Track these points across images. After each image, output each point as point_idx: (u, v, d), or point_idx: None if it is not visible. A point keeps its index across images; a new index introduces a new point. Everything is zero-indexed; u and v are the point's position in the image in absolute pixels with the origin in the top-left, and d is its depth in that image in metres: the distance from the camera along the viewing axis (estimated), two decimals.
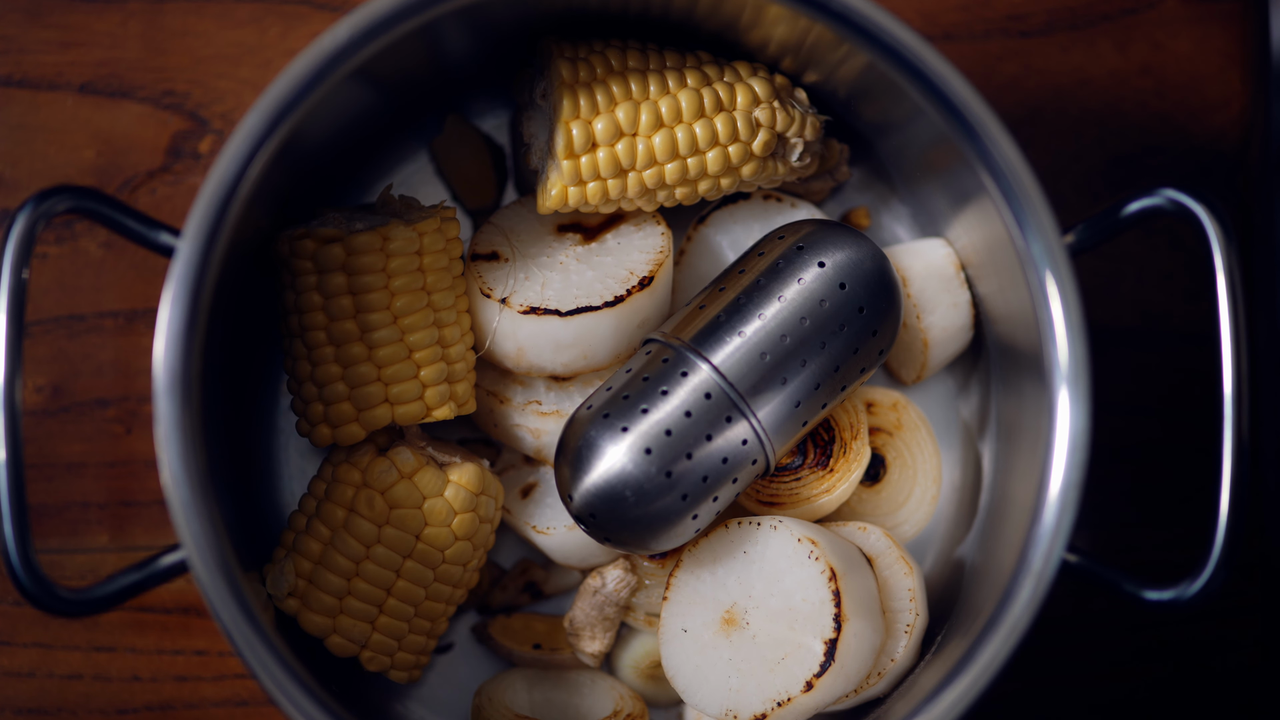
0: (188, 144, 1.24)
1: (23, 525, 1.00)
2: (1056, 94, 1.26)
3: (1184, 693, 1.26)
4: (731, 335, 1.09)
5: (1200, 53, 1.27)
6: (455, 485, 1.12)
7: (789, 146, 1.15)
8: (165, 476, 0.97)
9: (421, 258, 1.11)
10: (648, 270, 1.14)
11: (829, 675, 1.09)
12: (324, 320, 1.10)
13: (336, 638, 1.11)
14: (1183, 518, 1.26)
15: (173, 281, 0.98)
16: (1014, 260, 1.02)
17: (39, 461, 1.23)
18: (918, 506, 1.19)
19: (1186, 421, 1.26)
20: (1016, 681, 1.25)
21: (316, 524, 1.12)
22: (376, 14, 0.99)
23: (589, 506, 1.07)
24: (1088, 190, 1.26)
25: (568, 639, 1.20)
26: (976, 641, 1.00)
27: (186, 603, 1.24)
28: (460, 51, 1.14)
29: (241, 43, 1.24)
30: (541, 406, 1.17)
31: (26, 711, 1.23)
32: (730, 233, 1.20)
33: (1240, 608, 1.26)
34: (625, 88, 1.11)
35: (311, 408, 1.12)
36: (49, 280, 1.24)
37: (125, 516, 1.24)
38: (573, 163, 1.10)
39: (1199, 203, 1.04)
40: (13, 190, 1.24)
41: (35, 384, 1.23)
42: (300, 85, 0.98)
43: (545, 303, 1.13)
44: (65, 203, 1.01)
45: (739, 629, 1.11)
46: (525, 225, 1.18)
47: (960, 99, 1.00)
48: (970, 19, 1.26)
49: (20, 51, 1.24)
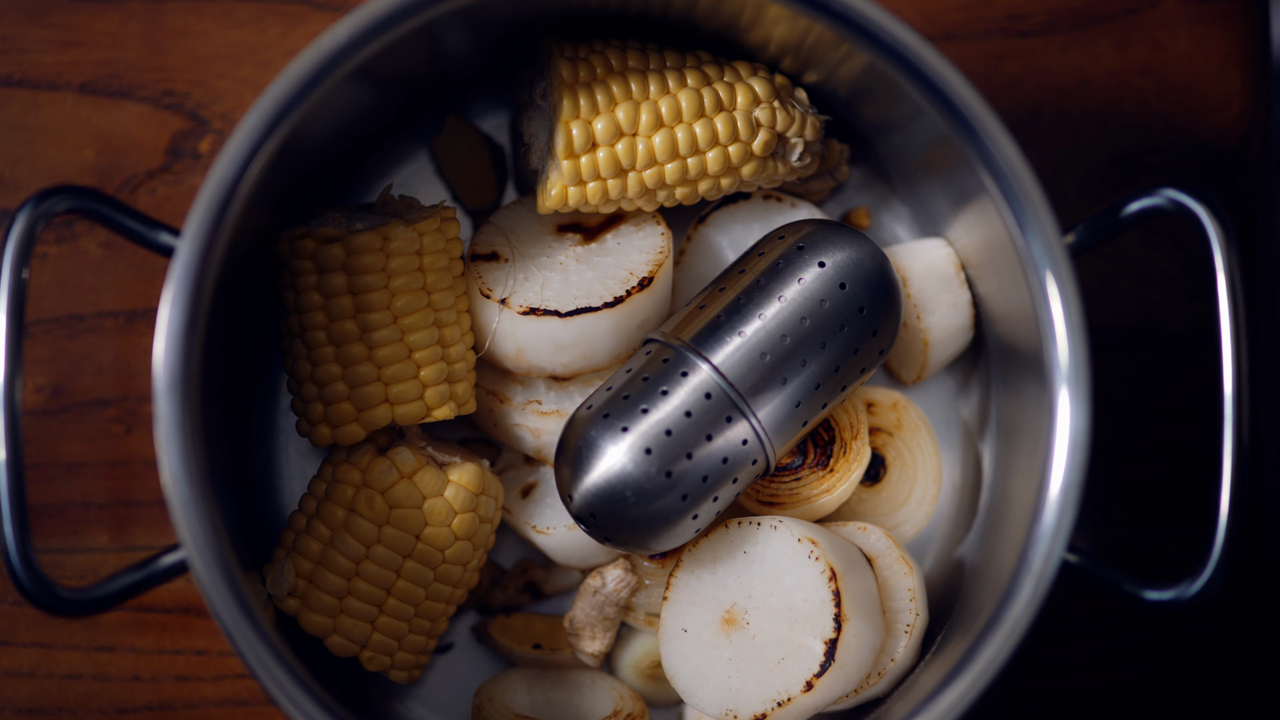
0: (188, 144, 1.24)
1: (23, 525, 1.00)
2: (1056, 94, 1.26)
3: (1184, 692, 1.26)
4: (732, 335, 1.09)
5: (1200, 53, 1.27)
6: (455, 485, 1.12)
7: (789, 146, 1.15)
8: (165, 476, 0.97)
9: (421, 258, 1.11)
10: (647, 271, 1.14)
11: (829, 675, 1.09)
12: (324, 320, 1.10)
13: (336, 637, 1.11)
14: (1183, 518, 1.26)
15: (173, 281, 0.98)
16: (1014, 260, 1.02)
17: (39, 461, 1.23)
18: (918, 506, 1.19)
19: (1186, 421, 1.26)
20: (1016, 681, 1.25)
21: (316, 524, 1.12)
22: (376, 14, 0.99)
23: (589, 506, 1.07)
24: (1088, 190, 1.26)
25: (568, 639, 1.20)
26: (976, 641, 1.00)
27: (186, 603, 1.24)
28: (460, 51, 1.14)
29: (241, 43, 1.24)
30: (541, 406, 1.17)
31: (26, 711, 1.24)
32: (730, 233, 1.20)
33: (1240, 608, 1.26)
34: (625, 88, 1.11)
35: (311, 408, 1.12)
36: (49, 280, 1.24)
37: (125, 516, 1.24)
38: (573, 163, 1.10)
39: (1199, 203, 1.04)
40: (13, 190, 1.24)
41: (35, 384, 1.23)
42: (300, 85, 0.98)
43: (545, 303, 1.13)
44: (65, 203, 1.01)
45: (739, 629, 1.11)
46: (525, 225, 1.18)
47: (960, 99, 1.00)
48: (970, 19, 1.26)
49: (20, 51, 1.24)
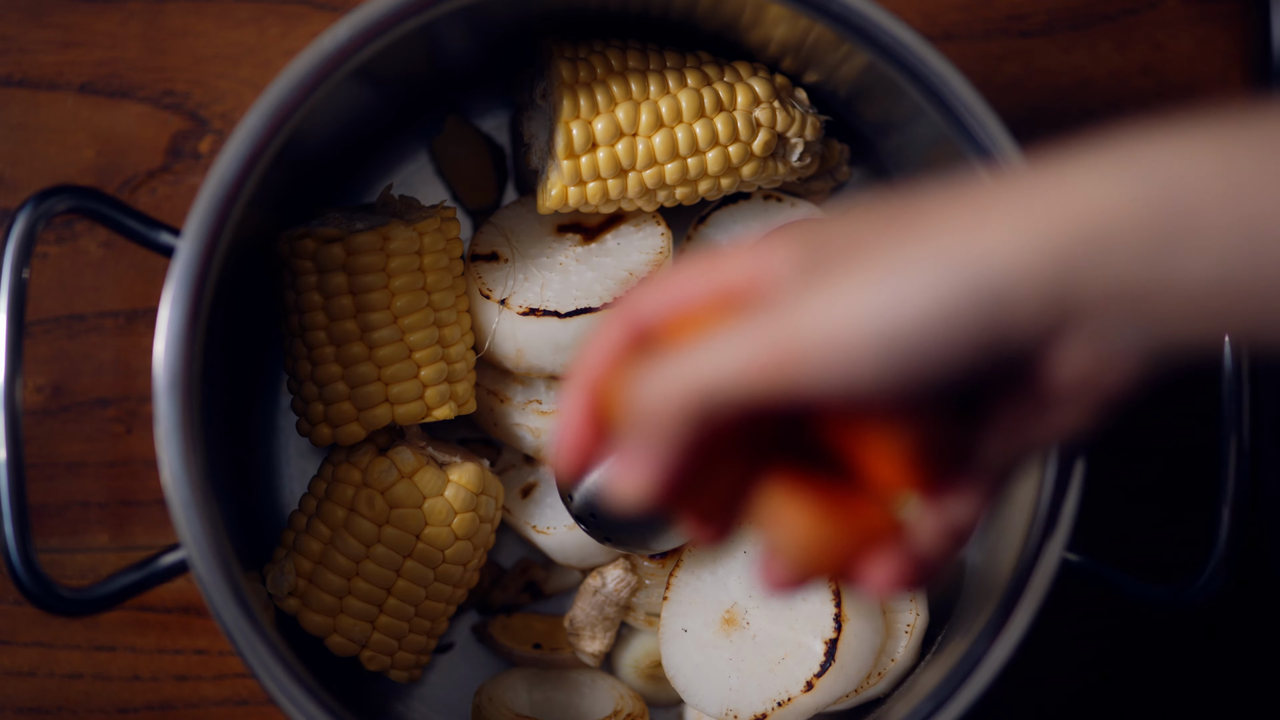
0: (188, 144, 1.24)
1: (23, 525, 1.00)
2: (1057, 94, 1.26)
3: (1184, 692, 1.26)
4: None
5: (1200, 53, 1.27)
6: (455, 485, 1.12)
7: (789, 146, 1.15)
8: (165, 476, 0.97)
9: (422, 258, 1.11)
10: (647, 271, 1.14)
11: (829, 675, 1.09)
12: (324, 320, 1.10)
13: (337, 637, 1.11)
14: (1183, 518, 1.26)
15: (173, 281, 0.98)
16: None
17: (39, 461, 1.23)
18: None
19: (1187, 421, 1.26)
20: (1016, 681, 1.25)
21: (317, 523, 1.12)
22: (376, 14, 0.99)
23: (589, 506, 1.07)
24: None
25: (568, 639, 1.20)
26: (976, 641, 1.00)
27: (187, 602, 1.24)
28: (460, 51, 1.14)
29: (241, 43, 1.24)
30: (542, 405, 1.17)
31: (26, 710, 1.24)
32: (730, 233, 1.20)
33: (1240, 608, 1.26)
34: (625, 88, 1.11)
35: (312, 407, 1.12)
36: (49, 280, 1.24)
37: (125, 516, 1.24)
38: (573, 163, 1.10)
39: None
40: (13, 190, 1.24)
41: (35, 384, 1.23)
42: (300, 85, 0.98)
43: (544, 304, 1.13)
44: (65, 203, 1.01)
45: (739, 629, 1.11)
46: (525, 225, 1.18)
47: (960, 99, 1.00)
48: (970, 19, 1.26)
49: (20, 51, 1.24)
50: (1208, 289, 0.65)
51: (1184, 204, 0.64)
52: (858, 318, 0.66)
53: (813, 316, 0.67)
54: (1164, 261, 0.64)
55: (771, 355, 0.67)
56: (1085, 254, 0.65)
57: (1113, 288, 0.65)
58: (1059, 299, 0.65)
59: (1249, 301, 0.65)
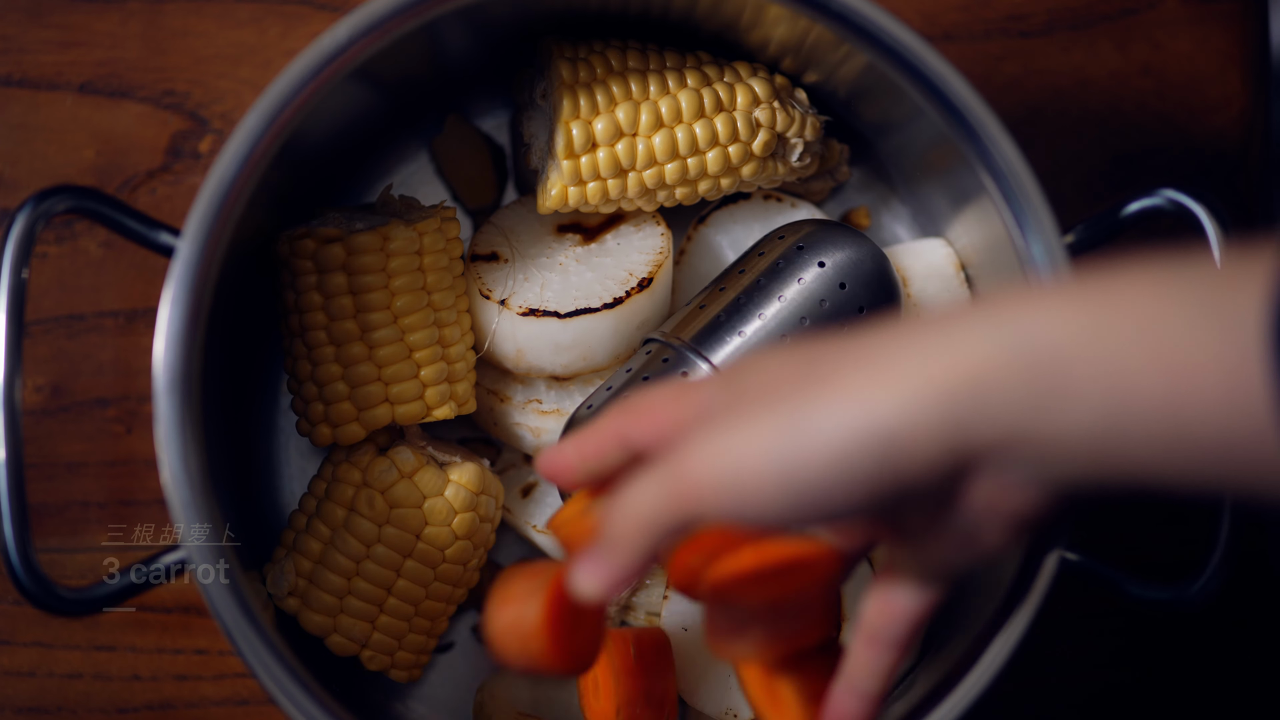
0: (188, 144, 1.24)
1: (23, 525, 1.00)
2: (1057, 94, 1.26)
3: (1183, 692, 1.26)
4: (731, 335, 1.09)
5: (1200, 53, 1.27)
6: (455, 485, 1.12)
7: (789, 146, 1.15)
8: (165, 476, 0.97)
9: (422, 258, 1.11)
10: (647, 271, 1.14)
11: None
12: (324, 320, 1.10)
13: (337, 637, 1.11)
14: (1183, 518, 1.26)
15: (173, 281, 0.98)
16: (1014, 260, 1.02)
17: (39, 461, 1.23)
18: None
19: None
20: (1016, 682, 1.25)
21: (317, 523, 1.12)
22: (376, 14, 0.99)
23: None
24: (1088, 190, 1.26)
25: None
26: (976, 641, 1.00)
27: (187, 602, 1.24)
28: (460, 51, 1.14)
29: (241, 43, 1.24)
30: (542, 405, 1.17)
31: (26, 710, 1.24)
32: (730, 233, 1.20)
33: (1240, 608, 1.26)
34: (625, 88, 1.11)
35: (312, 407, 1.12)
36: (49, 280, 1.24)
37: (125, 516, 1.24)
38: (573, 163, 1.10)
39: (1199, 203, 1.04)
40: (13, 190, 1.24)
41: (35, 384, 1.23)
42: (300, 85, 0.98)
43: (544, 304, 1.13)
44: (65, 203, 1.01)
45: None
46: (525, 225, 1.18)
47: (960, 99, 1.00)
48: (970, 19, 1.26)
49: (20, 51, 1.24)
50: (1088, 436, 0.72)
51: (1054, 360, 0.71)
52: (763, 457, 0.75)
53: (707, 458, 0.77)
54: (1042, 412, 0.72)
55: (670, 494, 0.77)
56: (968, 404, 0.73)
57: (1000, 433, 0.73)
58: (952, 442, 0.73)
59: (1127, 448, 0.71)
